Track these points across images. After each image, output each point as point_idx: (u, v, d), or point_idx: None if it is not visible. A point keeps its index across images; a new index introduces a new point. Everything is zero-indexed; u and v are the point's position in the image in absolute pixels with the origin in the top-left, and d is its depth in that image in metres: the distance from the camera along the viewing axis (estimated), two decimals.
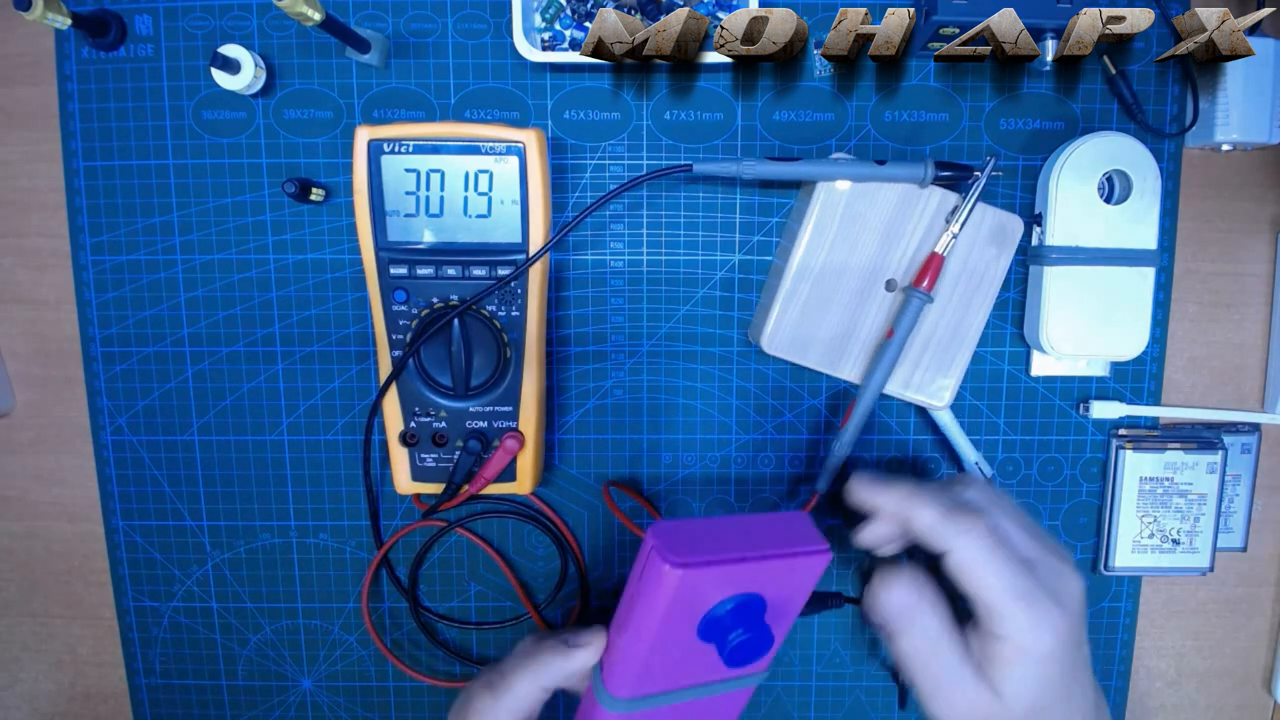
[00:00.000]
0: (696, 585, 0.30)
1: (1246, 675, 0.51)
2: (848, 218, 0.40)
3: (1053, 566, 0.34)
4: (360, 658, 0.49)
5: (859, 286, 0.41)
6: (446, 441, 0.43)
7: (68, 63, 0.44)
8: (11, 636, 0.50)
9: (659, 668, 0.32)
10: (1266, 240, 0.47)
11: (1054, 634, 0.32)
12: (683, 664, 0.33)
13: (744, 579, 0.31)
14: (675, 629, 0.31)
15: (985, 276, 0.41)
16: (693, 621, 0.31)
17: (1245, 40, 0.39)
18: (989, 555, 0.32)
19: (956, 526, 0.33)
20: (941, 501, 0.34)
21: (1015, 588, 0.32)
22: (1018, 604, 0.32)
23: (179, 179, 0.45)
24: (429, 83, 0.44)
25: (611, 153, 0.45)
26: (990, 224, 0.41)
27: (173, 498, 0.48)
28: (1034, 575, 0.33)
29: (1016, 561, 0.33)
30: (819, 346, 0.41)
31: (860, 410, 0.41)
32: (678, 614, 0.31)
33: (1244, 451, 0.48)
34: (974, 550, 0.32)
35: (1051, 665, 0.33)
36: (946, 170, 0.40)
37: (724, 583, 0.31)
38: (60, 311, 0.47)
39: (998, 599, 0.32)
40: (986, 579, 0.32)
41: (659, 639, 0.31)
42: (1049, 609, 0.32)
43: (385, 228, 0.41)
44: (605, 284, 0.46)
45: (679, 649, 0.32)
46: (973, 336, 0.42)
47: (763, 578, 0.31)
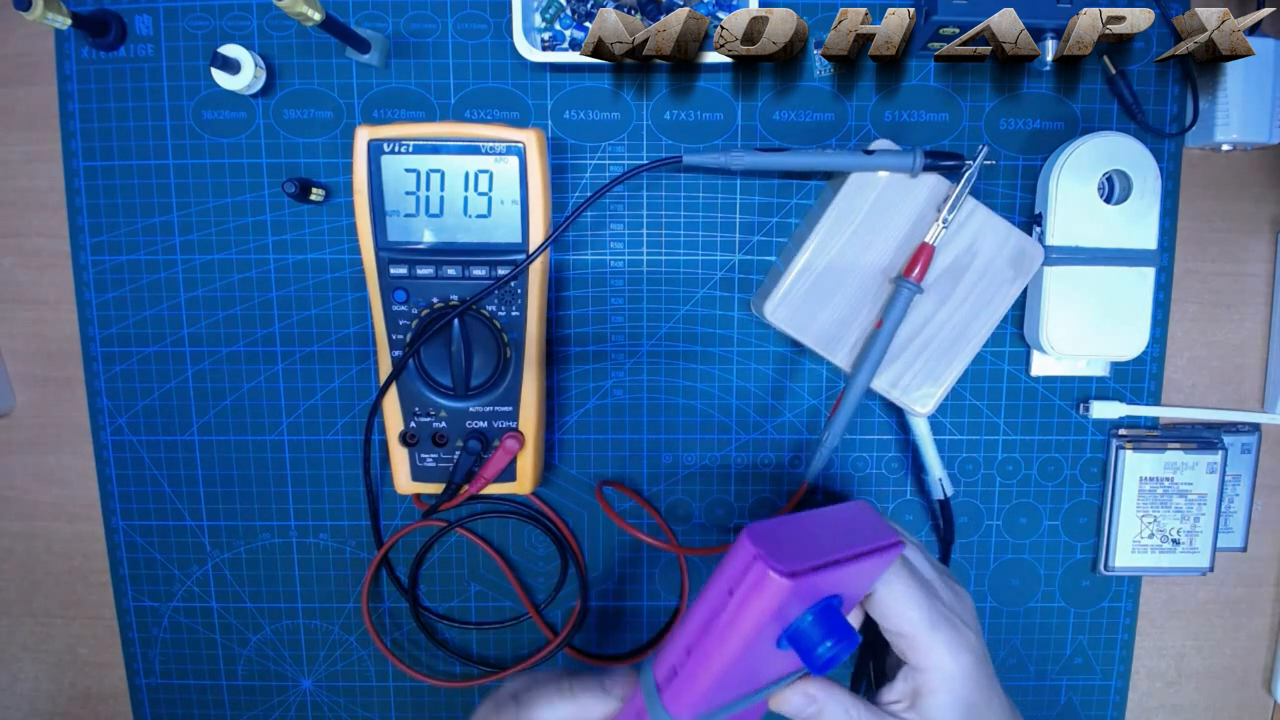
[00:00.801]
0: (799, 592, 0.27)
1: (1246, 675, 0.51)
2: (876, 210, 0.40)
3: (948, 582, 0.36)
4: (360, 658, 0.49)
5: (869, 279, 0.41)
6: (446, 441, 0.43)
7: (68, 63, 0.44)
8: (11, 636, 0.50)
9: (731, 683, 0.30)
10: (1266, 240, 0.47)
11: (971, 653, 0.33)
12: (752, 674, 0.31)
13: (831, 582, 0.29)
14: (762, 641, 0.29)
15: (996, 296, 0.41)
16: (777, 630, 0.29)
17: (1245, 40, 0.39)
18: (907, 590, 0.33)
19: None
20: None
21: (932, 617, 0.33)
22: (936, 632, 0.33)
23: (179, 179, 0.45)
24: (429, 83, 0.44)
25: (611, 153, 0.45)
26: (1013, 246, 0.41)
27: (173, 498, 0.48)
28: (940, 600, 0.34)
29: (927, 588, 0.34)
30: (819, 327, 0.41)
31: (849, 401, 0.41)
32: (771, 624, 0.28)
33: (1244, 451, 0.48)
34: (895, 589, 0.33)
35: (971, 685, 0.34)
36: (936, 159, 0.40)
37: (816, 588, 0.28)
38: (60, 311, 0.47)
39: (920, 632, 0.33)
40: (909, 614, 0.33)
41: (744, 652, 0.28)
42: (962, 630, 0.34)
43: (385, 228, 0.41)
44: (605, 284, 0.46)
45: (756, 660, 0.30)
46: (969, 352, 0.42)
47: (847, 580, 0.30)
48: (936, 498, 0.46)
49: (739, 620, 0.27)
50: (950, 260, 0.41)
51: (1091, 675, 0.50)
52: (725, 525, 0.48)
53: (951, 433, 0.47)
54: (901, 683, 0.34)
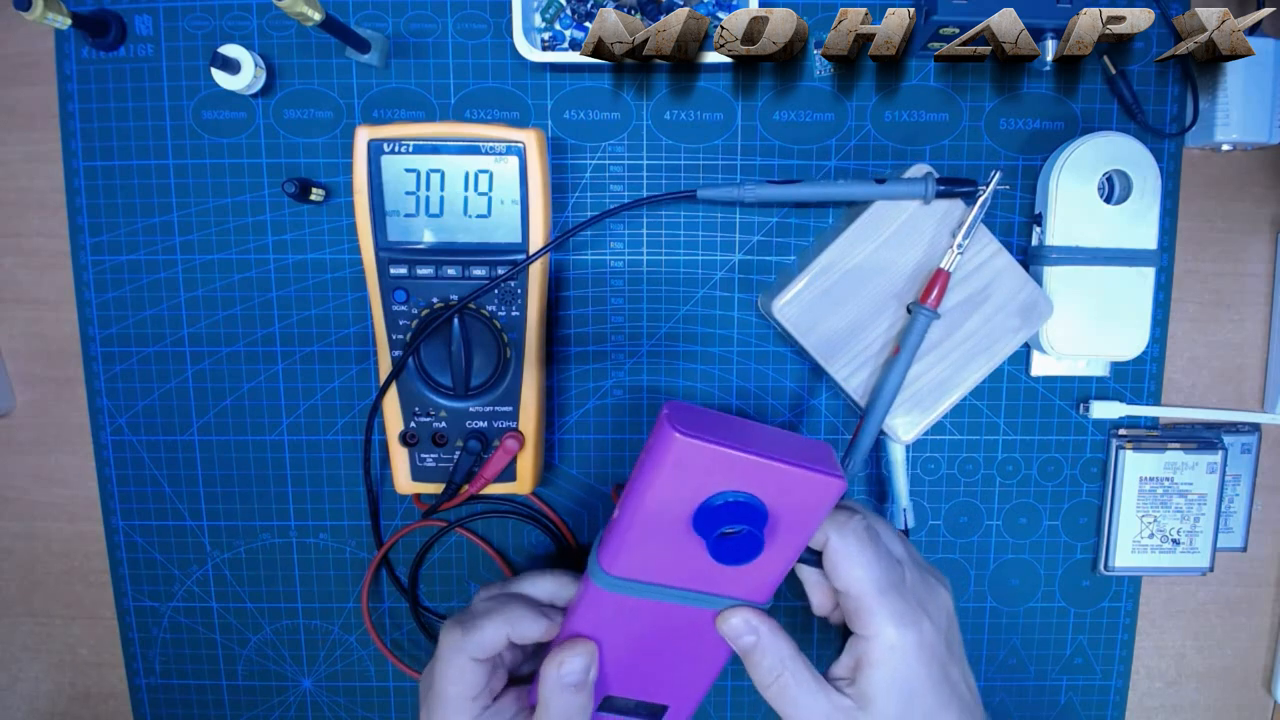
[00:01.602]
0: (697, 460, 0.30)
1: (1246, 675, 0.51)
2: (903, 231, 0.40)
3: (922, 572, 0.35)
4: (360, 658, 0.49)
5: (879, 298, 0.41)
6: (446, 441, 0.43)
7: (68, 63, 0.44)
8: (11, 636, 0.50)
9: (652, 551, 0.32)
10: (1266, 240, 0.47)
11: (917, 632, 0.33)
12: (675, 558, 0.33)
13: (748, 477, 0.31)
14: (671, 507, 0.31)
15: (998, 342, 0.41)
16: (689, 506, 0.31)
17: (1245, 40, 0.39)
18: (861, 547, 0.33)
19: (833, 519, 0.34)
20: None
21: (882, 582, 0.33)
22: (884, 598, 0.33)
23: (179, 179, 0.45)
24: (429, 83, 0.44)
25: (611, 153, 0.45)
26: (1026, 297, 0.41)
27: (173, 498, 0.48)
28: (902, 575, 0.34)
29: (888, 558, 0.34)
30: (822, 334, 0.41)
31: (868, 430, 0.41)
32: (675, 488, 0.31)
33: (1244, 451, 0.48)
34: (849, 542, 0.33)
35: (916, 668, 0.33)
36: (949, 185, 0.40)
37: (726, 472, 0.31)
38: (60, 311, 0.47)
39: (867, 592, 0.33)
40: (856, 571, 0.33)
41: (654, 513, 0.31)
42: (913, 607, 0.33)
43: (385, 228, 0.41)
44: (605, 284, 0.46)
45: (672, 536, 0.32)
46: (961, 390, 0.42)
47: (768, 484, 0.31)
48: (898, 526, 0.46)
49: (644, 473, 0.31)
50: (963, 296, 0.41)
51: (1091, 675, 0.50)
52: None
53: (951, 433, 0.47)
54: (846, 656, 0.34)
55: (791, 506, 0.32)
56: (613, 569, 0.33)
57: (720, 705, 0.49)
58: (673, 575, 0.33)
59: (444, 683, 0.35)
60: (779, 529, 0.32)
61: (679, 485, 0.31)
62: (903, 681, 0.33)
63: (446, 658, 0.35)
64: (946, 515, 0.48)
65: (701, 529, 0.31)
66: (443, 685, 0.35)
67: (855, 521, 0.34)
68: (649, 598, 0.34)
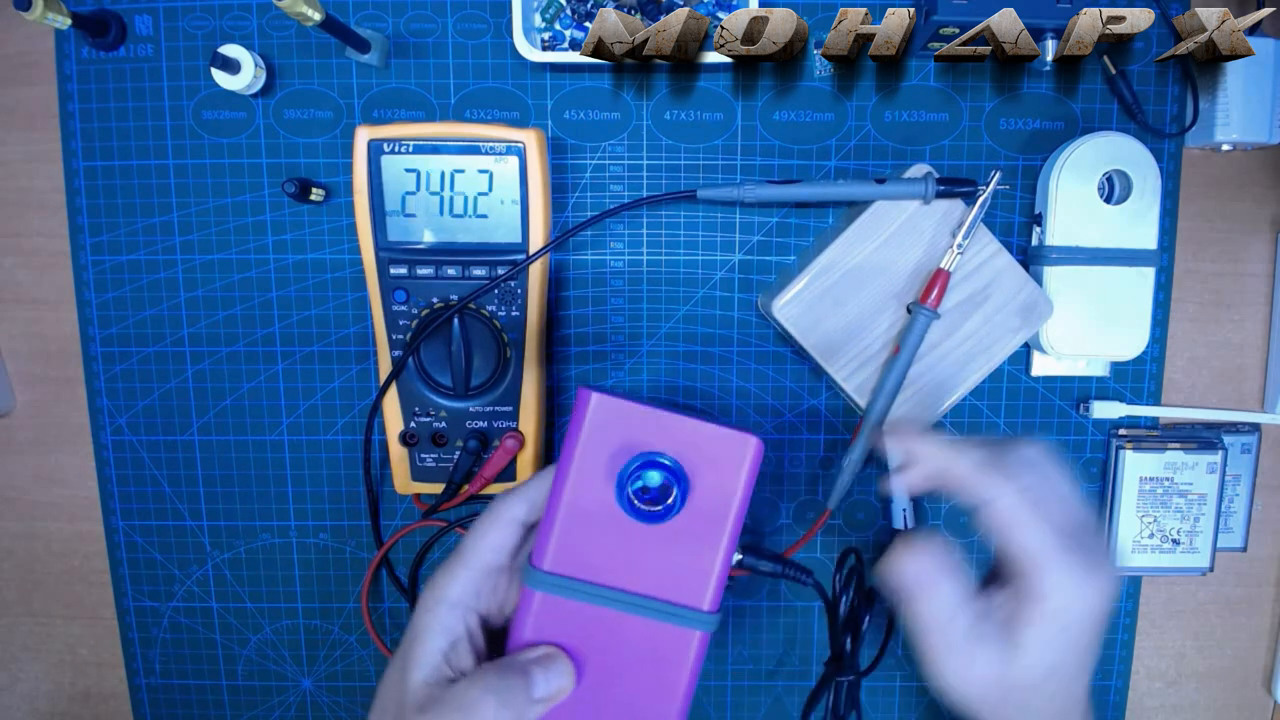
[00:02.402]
0: (613, 418, 0.31)
1: (1246, 675, 0.51)
2: (903, 230, 0.40)
3: (1095, 538, 0.33)
4: (360, 658, 0.49)
5: (879, 298, 0.41)
6: (446, 441, 0.43)
7: (68, 63, 0.44)
8: (11, 636, 0.50)
9: (581, 538, 0.32)
10: (1266, 240, 0.47)
11: (1099, 596, 0.31)
12: (607, 548, 0.32)
13: (663, 436, 0.31)
14: (593, 478, 0.31)
15: (998, 342, 0.41)
16: (612, 477, 0.31)
17: (1245, 40, 0.39)
18: (1024, 506, 0.31)
19: (1002, 475, 0.32)
20: (985, 451, 0.33)
21: (1059, 545, 0.31)
22: (1066, 558, 0.31)
23: (179, 179, 0.45)
24: (429, 83, 0.44)
25: (611, 153, 0.45)
26: (1026, 297, 0.41)
27: (173, 498, 0.48)
28: (1076, 534, 0.32)
29: (1055, 518, 0.32)
30: (822, 333, 0.41)
31: (868, 428, 0.41)
32: (594, 452, 0.31)
33: (1244, 451, 0.48)
34: (1018, 502, 0.31)
35: (1082, 631, 0.31)
36: (948, 186, 0.40)
37: (642, 431, 0.31)
38: (60, 311, 0.47)
39: (1044, 555, 0.31)
40: (1029, 533, 0.31)
41: (578, 487, 0.31)
42: (1095, 570, 0.31)
43: (385, 228, 0.41)
44: (605, 284, 0.46)
45: (600, 519, 0.31)
46: (961, 390, 0.42)
47: (684, 443, 0.31)
48: (896, 526, 0.46)
49: (565, 445, 0.31)
50: (964, 296, 0.41)
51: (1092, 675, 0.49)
52: None
53: (952, 432, 0.47)
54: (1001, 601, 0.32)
55: (709, 466, 0.31)
56: (543, 563, 0.32)
57: (720, 705, 0.49)
58: (608, 572, 0.32)
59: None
60: (701, 493, 0.31)
61: (597, 448, 0.31)
62: (1060, 645, 0.31)
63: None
64: (946, 515, 0.48)
65: (622, 496, 0.31)
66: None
67: (1024, 480, 0.31)
68: (587, 601, 0.32)
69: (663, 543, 0.32)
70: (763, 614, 0.49)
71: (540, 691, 0.30)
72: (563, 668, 0.31)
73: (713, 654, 0.49)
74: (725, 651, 0.49)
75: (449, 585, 0.32)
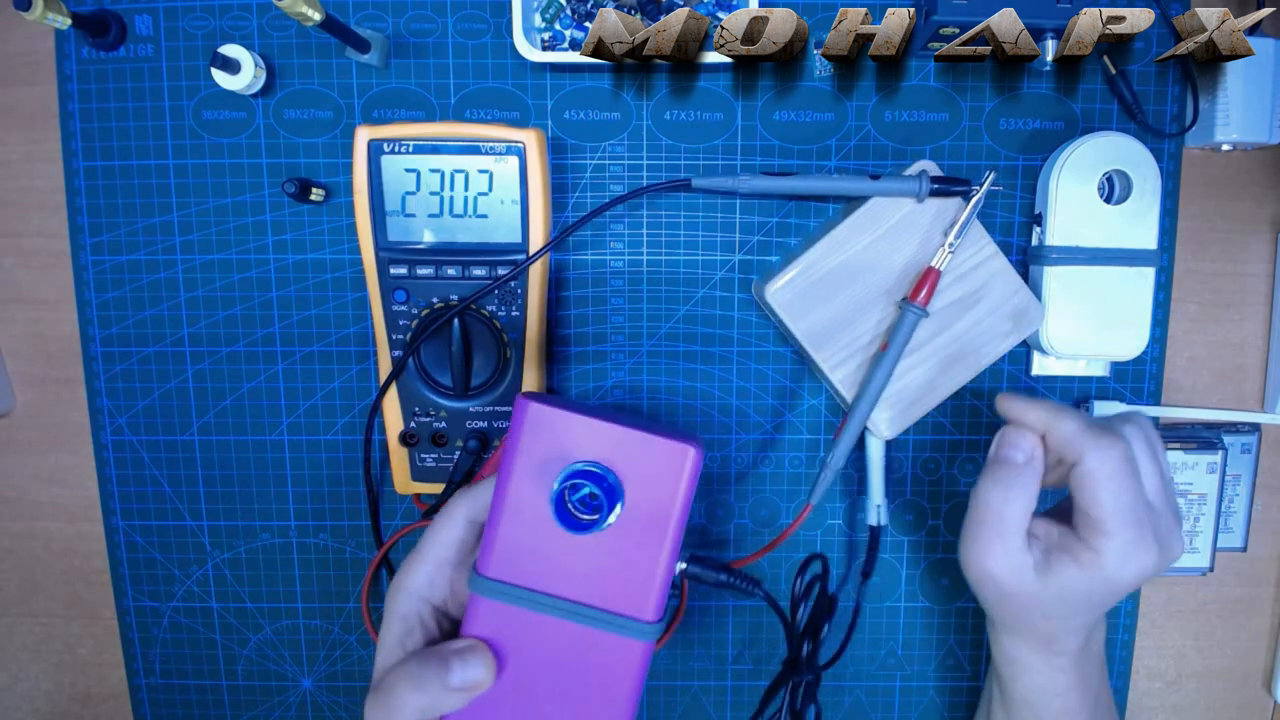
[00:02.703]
0: (547, 426, 0.31)
1: (1246, 675, 0.51)
2: (898, 227, 0.40)
3: (1170, 519, 0.35)
4: (360, 658, 0.49)
5: (870, 292, 0.41)
6: (446, 441, 0.43)
7: (68, 63, 0.44)
8: (11, 636, 0.50)
9: (519, 548, 0.32)
10: (1266, 240, 0.47)
11: (1142, 571, 0.34)
12: (546, 556, 0.32)
13: (599, 445, 0.31)
14: (530, 483, 0.32)
15: (987, 344, 0.41)
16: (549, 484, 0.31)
17: (1245, 40, 0.39)
18: (1114, 474, 0.33)
19: (1097, 441, 0.34)
20: (1087, 419, 0.35)
21: (1128, 515, 0.33)
22: (1126, 530, 0.33)
23: (179, 179, 0.45)
24: (429, 83, 0.44)
25: (611, 153, 0.45)
26: (1018, 302, 0.41)
27: (173, 498, 0.48)
28: (1150, 513, 0.34)
29: (1139, 492, 0.34)
30: (813, 321, 0.41)
31: (853, 424, 0.41)
32: (530, 460, 0.32)
33: (1244, 451, 0.48)
34: (1104, 465, 0.33)
35: (1112, 591, 0.35)
36: (942, 184, 0.40)
37: (577, 440, 0.31)
38: (60, 311, 0.47)
39: (1109, 519, 0.33)
40: (1103, 496, 0.33)
41: (516, 495, 0.32)
42: (1150, 547, 0.34)
43: (385, 228, 0.41)
44: (605, 284, 0.46)
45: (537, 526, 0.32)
46: (947, 390, 0.42)
47: (619, 453, 0.31)
48: (869, 523, 0.46)
49: (504, 454, 0.32)
50: (956, 296, 0.41)
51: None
52: (724, 525, 0.48)
53: (952, 432, 0.47)
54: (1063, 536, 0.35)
55: (647, 476, 0.32)
56: (486, 569, 0.32)
57: (720, 705, 0.49)
58: (548, 580, 0.32)
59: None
60: (638, 502, 0.32)
61: (533, 457, 0.32)
62: (1087, 592, 0.35)
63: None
64: (946, 515, 0.48)
65: (556, 507, 0.31)
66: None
67: (1116, 448, 0.34)
68: (528, 608, 0.32)
69: (602, 552, 0.32)
70: (728, 612, 0.49)
71: (456, 680, 0.31)
72: (480, 660, 0.32)
73: (674, 652, 0.49)
74: (691, 651, 0.49)
75: (405, 575, 0.34)
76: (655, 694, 0.49)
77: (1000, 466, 0.36)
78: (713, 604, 0.49)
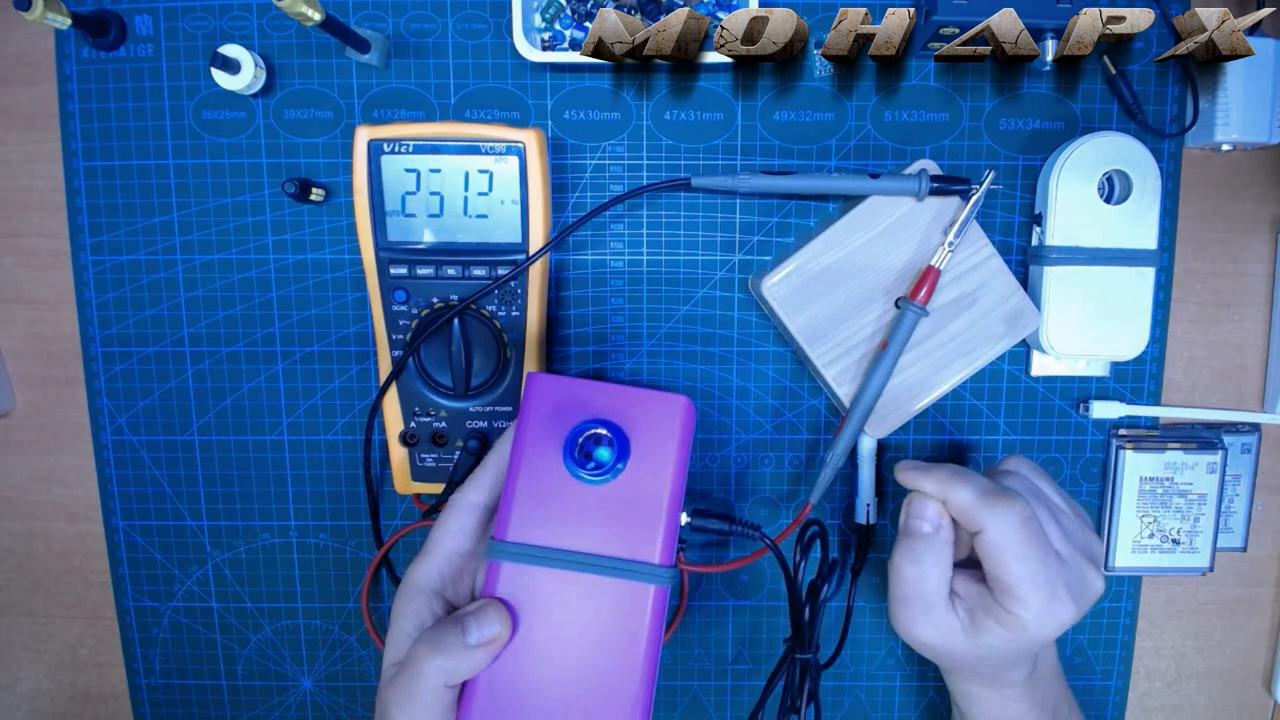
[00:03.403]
0: (553, 392, 0.35)
1: (1246, 675, 0.51)
2: (897, 226, 0.40)
3: (1080, 566, 0.36)
4: (360, 658, 0.49)
5: (867, 290, 0.41)
6: (446, 441, 0.43)
7: (68, 63, 0.44)
8: (11, 636, 0.50)
9: (535, 510, 0.35)
10: (1266, 240, 0.47)
11: (1059, 628, 0.35)
12: (561, 512, 0.35)
13: (601, 404, 0.35)
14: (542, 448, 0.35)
15: (980, 347, 0.41)
16: (558, 446, 0.34)
17: (1245, 40, 0.39)
18: (1016, 540, 0.34)
19: (992, 509, 0.34)
20: (980, 485, 0.36)
21: (1039, 579, 0.34)
22: (1039, 593, 0.34)
23: (179, 179, 0.45)
24: (429, 83, 0.44)
25: (611, 153, 0.45)
26: (1014, 305, 0.41)
27: (173, 498, 0.48)
28: (1060, 568, 0.35)
29: (1046, 551, 0.35)
30: (809, 317, 0.41)
31: (852, 423, 0.41)
32: (541, 426, 0.35)
33: (1244, 451, 0.48)
34: (1004, 533, 0.34)
35: (1035, 643, 0.36)
36: (942, 183, 0.40)
37: (581, 402, 0.35)
38: (60, 311, 0.47)
39: (1020, 585, 0.34)
40: (1009, 563, 0.34)
41: (529, 460, 0.35)
42: (1066, 603, 0.35)
43: (385, 228, 0.41)
44: (605, 284, 0.46)
45: (552, 485, 0.35)
46: (939, 390, 0.42)
47: (620, 409, 0.35)
48: (859, 521, 0.46)
49: (518, 425, 0.35)
50: (952, 297, 0.41)
51: (1091, 675, 0.50)
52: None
53: (952, 433, 0.47)
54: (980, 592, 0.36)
55: (646, 428, 0.35)
56: (504, 534, 0.34)
57: (720, 705, 0.49)
58: (564, 536, 0.34)
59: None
60: (641, 453, 0.35)
61: (544, 421, 0.35)
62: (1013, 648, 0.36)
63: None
64: None
65: (569, 460, 0.33)
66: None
67: (1012, 513, 0.34)
68: (547, 566, 0.34)
69: (612, 503, 0.35)
70: (728, 612, 0.49)
71: (474, 638, 0.32)
72: (496, 615, 0.33)
73: (674, 652, 0.49)
74: (691, 651, 0.49)
75: (414, 573, 0.35)
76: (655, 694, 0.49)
77: (910, 539, 0.37)
78: (713, 604, 0.49)
